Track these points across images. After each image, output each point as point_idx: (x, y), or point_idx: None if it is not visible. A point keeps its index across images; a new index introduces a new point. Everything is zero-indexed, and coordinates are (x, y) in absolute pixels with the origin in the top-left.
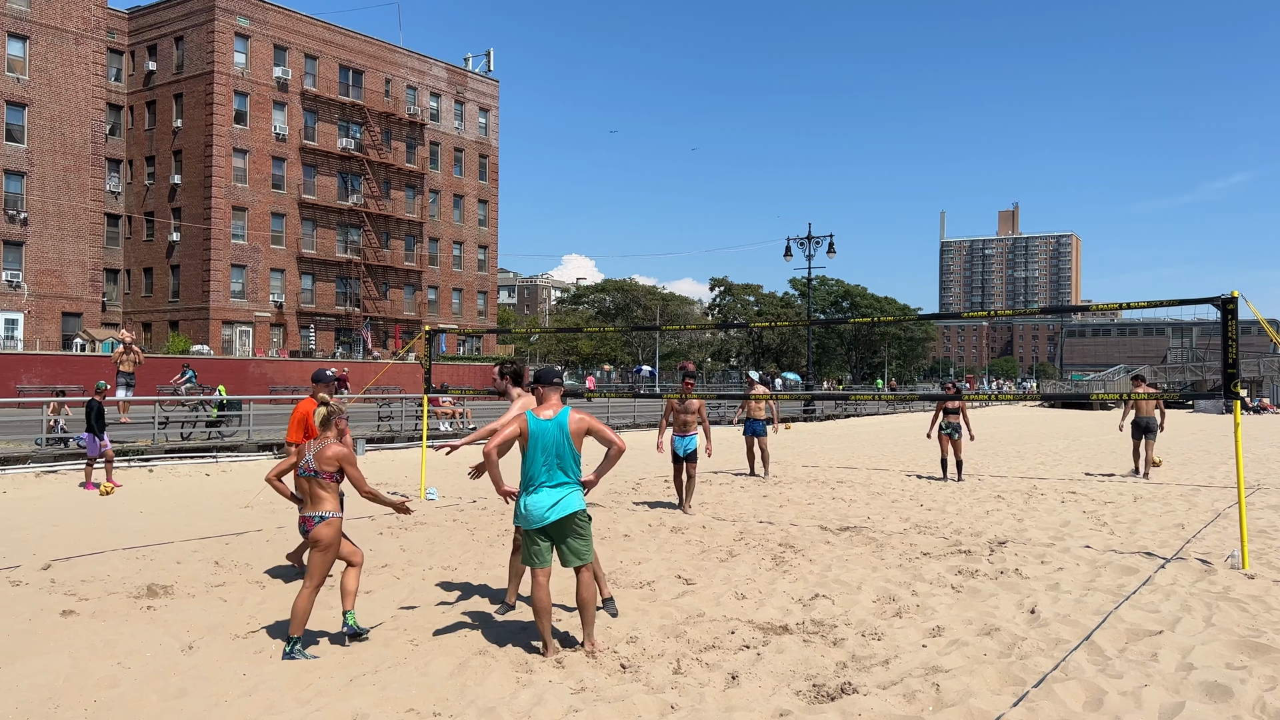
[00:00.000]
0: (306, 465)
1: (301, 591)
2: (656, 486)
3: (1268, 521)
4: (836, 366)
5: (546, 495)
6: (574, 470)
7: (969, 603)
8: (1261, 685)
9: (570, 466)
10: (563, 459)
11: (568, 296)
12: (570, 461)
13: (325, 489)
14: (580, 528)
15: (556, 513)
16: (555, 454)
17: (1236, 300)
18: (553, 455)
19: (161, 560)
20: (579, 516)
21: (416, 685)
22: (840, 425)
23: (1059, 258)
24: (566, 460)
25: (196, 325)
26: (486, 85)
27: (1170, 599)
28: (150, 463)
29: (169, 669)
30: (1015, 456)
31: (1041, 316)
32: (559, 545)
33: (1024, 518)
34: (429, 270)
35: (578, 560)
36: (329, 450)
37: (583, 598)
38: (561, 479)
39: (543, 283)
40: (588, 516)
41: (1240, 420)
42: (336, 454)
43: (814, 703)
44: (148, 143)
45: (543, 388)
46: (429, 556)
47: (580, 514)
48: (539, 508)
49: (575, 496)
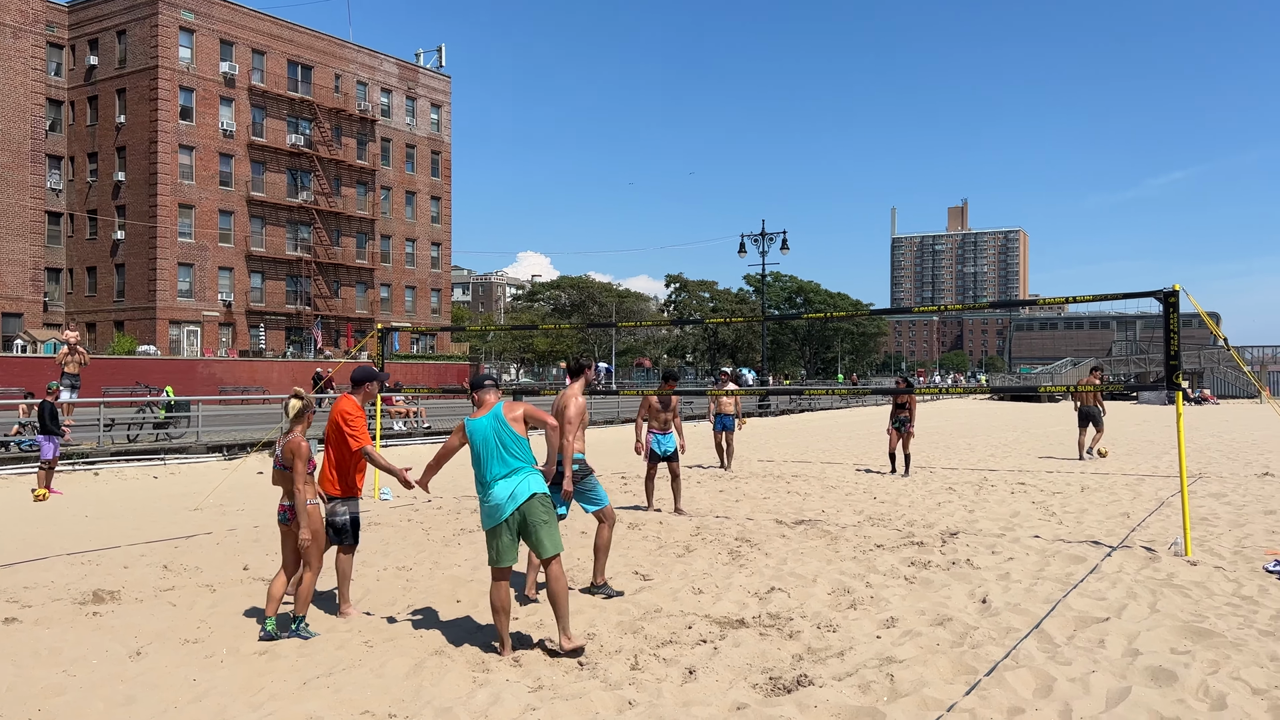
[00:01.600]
0: (278, 459)
1: (305, 576)
2: (612, 483)
3: (1209, 509)
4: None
5: (503, 486)
6: (523, 454)
7: (922, 593)
8: (1205, 669)
9: (516, 451)
10: (505, 445)
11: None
12: (514, 446)
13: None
14: (545, 511)
15: (516, 500)
16: (496, 442)
17: (1178, 293)
18: (494, 445)
19: (108, 565)
20: (541, 499)
21: (371, 687)
22: (795, 420)
23: (1007, 253)
24: (510, 446)
25: (143, 325)
26: (438, 81)
27: (1116, 586)
28: (96, 466)
29: (116, 676)
30: (966, 449)
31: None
32: (528, 535)
33: (975, 509)
34: (381, 268)
35: (551, 549)
36: (289, 443)
37: (555, 591)
38: (514, 464)
39: (498, 280)
40: (552, 500)
41: (1182, 411)
42: (293, 446)
43: (770, 695)
44: (90, 139)
45: (477, 393)
46: (383, 557)
47: (542, 496)
48: (498, 499)
49: (532, 479)
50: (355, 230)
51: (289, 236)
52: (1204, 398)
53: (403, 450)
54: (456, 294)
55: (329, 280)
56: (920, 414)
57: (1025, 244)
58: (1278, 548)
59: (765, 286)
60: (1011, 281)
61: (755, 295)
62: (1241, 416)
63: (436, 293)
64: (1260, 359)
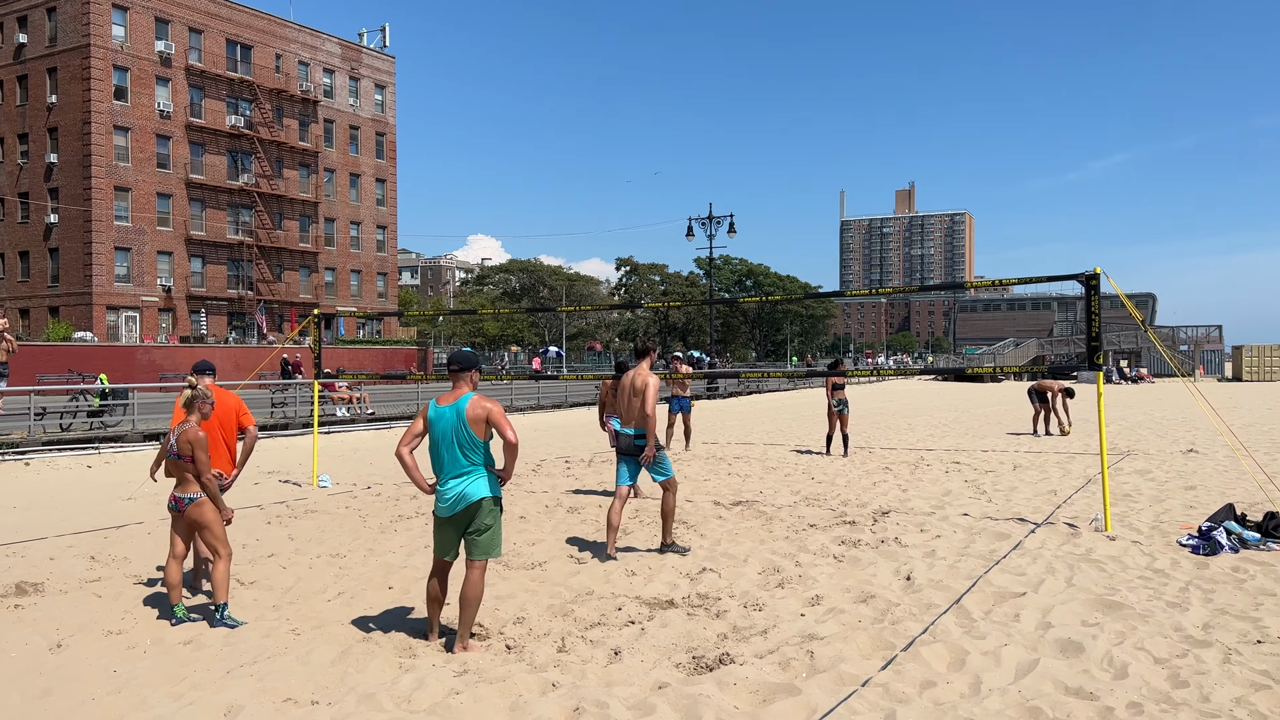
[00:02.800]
0: (172, 449)
1: (217, 565)
2: (555, 467)
3: (1133, 486)
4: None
5: (451, 486)
6: (476, 456)
7: (849, 572)
8: (1111, 640)
9: (471, 453)
10: (461, 445)
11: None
12: (469, 447)
13: (190, 471)
14: (489, 516)
15: (462, 501)
16: (454, 440)
17: (1099, 276)
18: (451, 441)
19: (33, 557)
20: (485, 504)
21: (296, 674)
22: (742, 402)
23: (953, 235)
24: (465, 446)
25: (79, 311)
26: (382, 61)
27: (1037, 562)
28: (27, 456)
29: (34, 669)
30: (906, 429)
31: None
32: (466, 536)
33: (908, 488)
34: (325, 251)
35: (479, 553)
36: (187, 434)
37: (467, 595)
38: (464, 466)
39: (447, 264)
40: (497, 504)
41: (1103, 390)
42: (191, 438)
43: (693, 674)
44: (20, 119)
45: (451, 374)
46: (318, 545)
47: (486, 500)
48: (444, 499)
49: (478, 484)
50: (298, 213)
51: (230, 220)
52: (1140, 377)
53: (345, 437)
54: (405, 278)
55: (272, 264)
56: (863, 394)
57: (971, 226)
58: (1193, 522)
59: (715, 269)
60: (958, 263)
61: (706, 278)
62: (1174, 395)
63: (383, 276)
64: (1194, 339)
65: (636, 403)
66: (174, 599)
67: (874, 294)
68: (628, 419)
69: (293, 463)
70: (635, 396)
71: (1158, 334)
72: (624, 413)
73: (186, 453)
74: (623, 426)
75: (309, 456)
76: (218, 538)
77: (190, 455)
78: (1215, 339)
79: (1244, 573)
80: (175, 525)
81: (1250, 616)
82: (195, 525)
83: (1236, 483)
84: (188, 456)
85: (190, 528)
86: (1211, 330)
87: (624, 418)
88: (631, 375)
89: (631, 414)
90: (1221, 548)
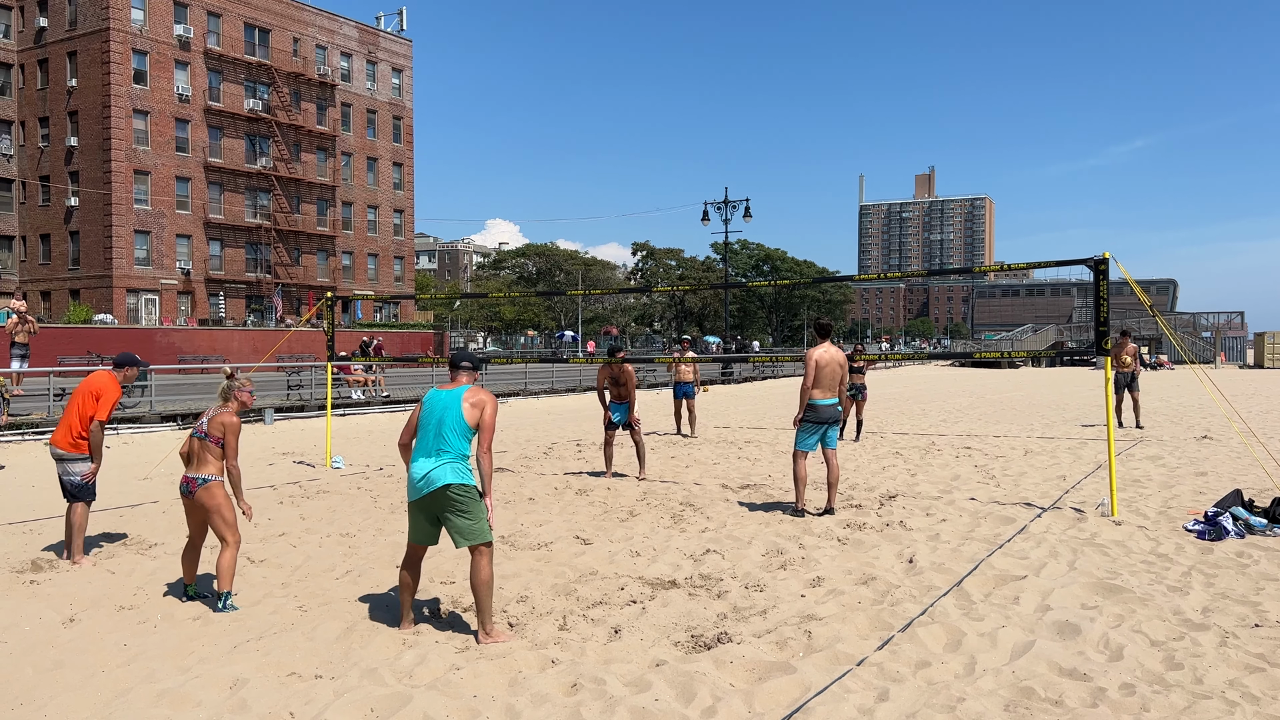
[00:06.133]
0: (200, 427)
1: (223, 552)
2: (568, 450)
3: (1143, 472)
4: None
5: (422, 465)
6: (456, 440)
7: (852, 554)
8: (1109, 623)
9: (451, 436)
10: (446, 424)
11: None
12: (452, 432)
13: (210, 453)
14: (460, 503)
15: (427, 485)
16: (439, 419)
17: (1108, 261)
18: (439, 420)
19: (50, 534)
20: (454, 489)
21: (301, 649)
22: (757, 387)
23: (973, 220)
24: (449, 426)
25: (99, 294)
26: (399, 45)
27: (1040, 546)
28: (46, 436)
29: (47, 642)
30: (919, 414)
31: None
32: (446, 525)
33: (917, 473)
34: (343, 235)
35: (464, 540)
36: (221, 417)
37: (473, 582)
38: (442, 448)
39: (464, 248)
40: (470, 491)
41: (1110, 376)
42: (225, 421)
43: (691, 653)
44: (41, 103)
45: (451, 371)
46: (328, 524)
47: (455, 487)
48: (413, 478)
49: (450, 469)
50: (316, 197)
51: (248, 203)
52: (1160, 363)
53: (360, 419)
54: (423, 261)
55: (289, 248)
56: (879, 380)
57: (991, 211)
58: (1201, 508)
59: (731, 254)
60: (978, 248)
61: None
62: (1193, 382)
63: (400, 260)
64: (1216, 325)
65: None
66: (188, 579)
67: (884, 278)
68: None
69: (308, 444)
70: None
71: (1179, 320)
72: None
73: (217, 434)
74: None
75: (324, 438)
76: (227, 523)
77: (220, 438)
78: (1238, 325)
79: (1248, 558)
80: (189, 515)
81: (1250, 601)
82: (204, 509)
83: (1248, 469)
84: (216, 439)
85: (200, 513)
86: (1234, 316)
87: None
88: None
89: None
90: (1227, 533)
